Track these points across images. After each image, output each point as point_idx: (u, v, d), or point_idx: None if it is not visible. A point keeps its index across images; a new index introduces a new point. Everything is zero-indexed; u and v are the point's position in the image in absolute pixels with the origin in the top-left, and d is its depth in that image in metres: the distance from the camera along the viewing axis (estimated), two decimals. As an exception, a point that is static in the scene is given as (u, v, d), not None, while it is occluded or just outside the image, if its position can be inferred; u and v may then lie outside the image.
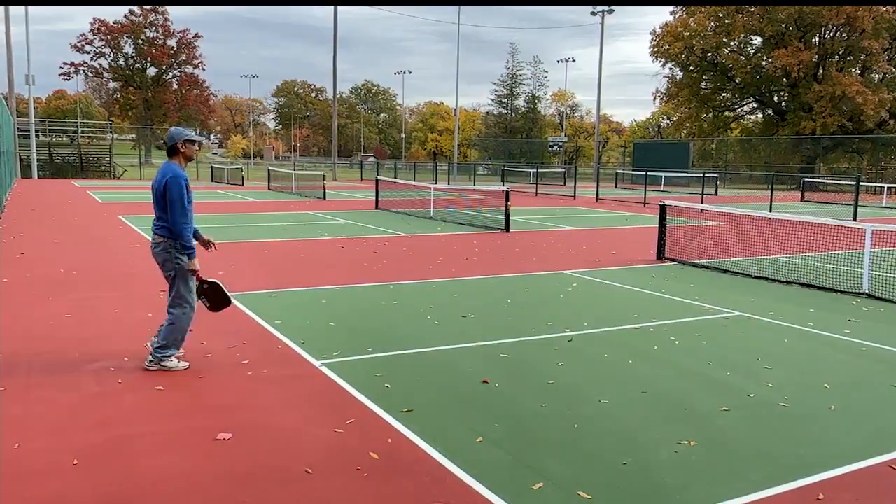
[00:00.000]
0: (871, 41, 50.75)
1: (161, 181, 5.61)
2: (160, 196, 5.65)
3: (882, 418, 5.02)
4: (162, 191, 5.60)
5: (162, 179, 5.60)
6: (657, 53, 60.28)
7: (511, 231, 16.63)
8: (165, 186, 5.57)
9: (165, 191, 5.58)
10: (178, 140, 5.69)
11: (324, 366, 5.92)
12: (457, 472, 4.02)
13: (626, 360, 6.28)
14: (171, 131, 5.79)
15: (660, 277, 10.71)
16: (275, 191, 33.25)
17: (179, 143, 5.69)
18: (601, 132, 73.67)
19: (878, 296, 9.35)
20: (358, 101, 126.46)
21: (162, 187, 5.59)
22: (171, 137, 5.71)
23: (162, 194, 5.61)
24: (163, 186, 5.59)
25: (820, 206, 29.52)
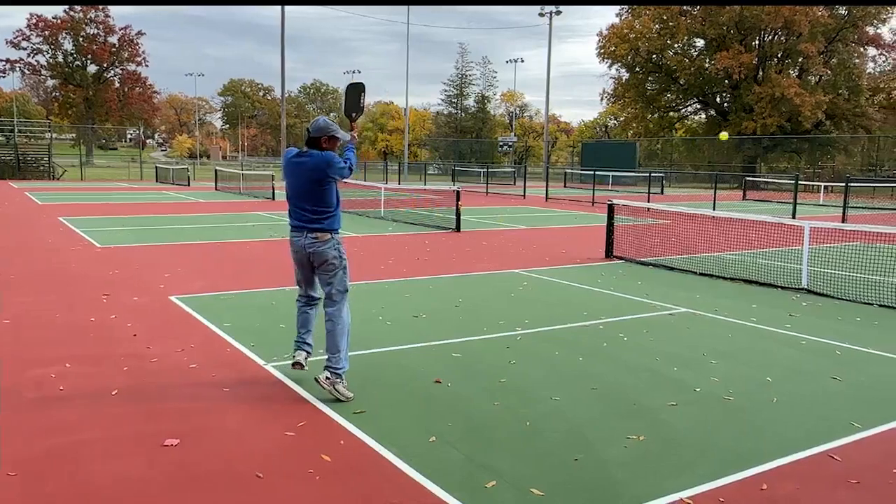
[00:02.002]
0: (808, 44, 52.48)
1: (321, 164, 5.16)
2: (323, 181, 5.19)
3: (822, 409, 5.19)
4: (324, 170, 5.16)
5: (321, 162, 5.16)
6: (604, 55, 61.25)
7: (462, 231, 16.69)
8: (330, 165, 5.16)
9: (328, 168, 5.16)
10: (324, 134, 5.25)
11: (274, 368, 5.84)
12: (410, 472, 4.02)
13: (577, 358, 6.36)
14: (320, 123, 5.33)
15: (608, 275, 10.87)
16: (222, 191, 32.70)
17: (324, 139, 5.26)
18: (550, 132, 74.45)
19: (817, 291, 9.66)
20: (307, 101, 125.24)
21: (325, 165, 5.16)
22: (320, 130, 5.25)
23: (326, 177, 5.18)
24: (325, 164, 5.15)
25: (761, 205, 30.38)
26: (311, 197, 5.25)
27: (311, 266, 5.41)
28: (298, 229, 5.34)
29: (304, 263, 5.43)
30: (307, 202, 5.26)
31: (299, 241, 5.34)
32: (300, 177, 5.26)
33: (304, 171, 5.23)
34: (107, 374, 5.67)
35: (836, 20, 54.34)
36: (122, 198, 27.86)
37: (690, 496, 3.79)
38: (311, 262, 5.36)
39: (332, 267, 5.31)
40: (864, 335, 7.39)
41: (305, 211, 5.28)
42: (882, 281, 10.36)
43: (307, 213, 5.28)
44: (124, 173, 50.11)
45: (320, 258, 5.29)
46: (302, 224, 5.31)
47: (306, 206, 5.27)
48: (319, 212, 5.26)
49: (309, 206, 5.26)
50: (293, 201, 5.36)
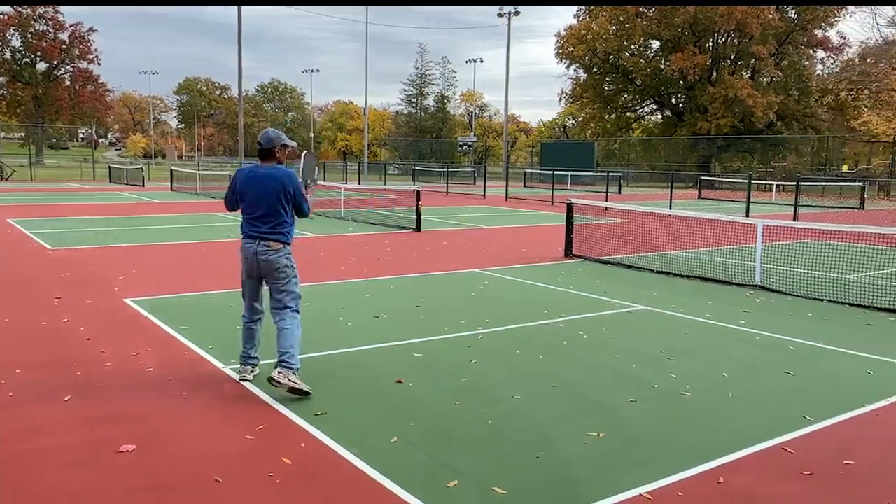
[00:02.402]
0: (759, 46, 53.71)
1: (286, 185, 5.38)
2: (281, 199, 5.37)
3: (776, 403, 5.31)
4: (287, 193, 5.38)
5: (286, 183, 5.38)
6: (562, 55, 61.84)
7: (423, 230, 16.68)
8: (296, 190, 5.42)
9: (296, 193, 5.42)
10: (276, 144, 5.48)
11: (233, 371, 5.76)
12: (372, 473, 4.00)
13: (537, 356, 6.40)
14: (270, 134, 5.53)
15: (568, 274, 10.97)
16: (178, 191, 32.15)
17: (277, 148, 5.49)
18: (509, 132, 74.87)
19: (770, 287, 9.88)
20: (265, 100, 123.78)
21: (291, 190, 5.40)
22: (270, 140, 5.48)
23: (286, 197, 5.39)
24: (291, 192, 5.40)
25: (716, 203, 30.98)
26: (271, 210, 5.38)
27: (259, 275, 5.50)
28: (252, 238, 5.44)
29: (252, 272, 5.51)
30: (266, 214, 5.39)
31: (251, 248, 5.43)
32: (265, 190, 5.38)
33: (270, 185, 5.37)
34: (59, 379, 5.52)
35: (787, 23, 55.72)
36: (74, 198, 27.20)
37: (649, 491, 3.84)
38: (260, 271, 5.45)
39: (283, 275, 5.43)
40: (815, 330, 7.58)
41: (262, 222, 5.40)
42: (832, 277, 10.64)
43: (263, 225, 5.40)
44: (76, 173, 48.95)
45: (271, 266, 5.40)
46: (257, 234, 5.41)
47: (264, 217, 5.40)
48: (277, 224, 5.41)
49: (267, 218, 5.39)
50: (250, 212, 5.45)
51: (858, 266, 11.77)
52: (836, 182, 39.60)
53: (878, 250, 13.78)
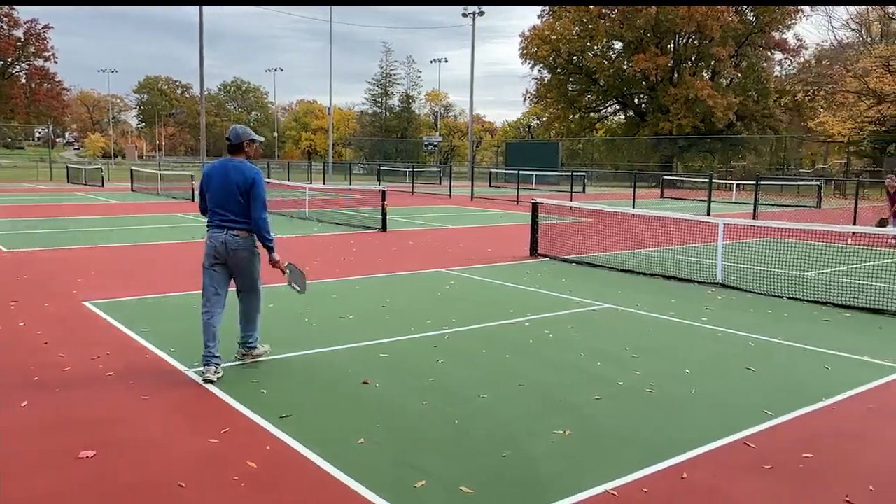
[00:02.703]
0: (719, 48, 54.68)
1: (246, 177, 5.64)
2: (243, 192, 5.63)
3: (737, 399, 5.40)
4: (248, 187, 5.63)
5: (247, 176, 5.65)
6: (526, 56, 62.22)
7: (388, 230, 16.63)
8: (254, 184, 5.65)
9: (252, 188, 5.64)
10: (244, 139, 5.78)
11: (196, 374, 5.68)
12: (338, 475, 3.97)
13: (504, 355, 6.42)
14: (238, 130, 5.82)
15: (534, 273, 11.03)
16: (139, 192, 31.61)
17: (245, 143, 5.78)
18: (475, 132, 75.08)
19: (731, 285, 10.06)
20: (227, 99, 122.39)
21: (249, 184, 5.64)
22: (238, 136, 5.77)
23: (247, 190, 5.64)
24: (250, 183, 5.64)
25: (678, 203, 31.42)
26: (236, 200, 5.65)
27: (224, 264, 5.75)
28: (219, 227, 5.69)
29: (218, 262, 5.73)
30: (232, 206, 5.66)
31: (219, 237, 5.68)
32: (230, 181, 5.64)
33: (235, 177, 5.64)
34: (16, 384, 5.39)
35: (746, 25, 56.79)
36: (30, 199, 26.56)
37: (615, 487, 3.88)
38: (227, 260, 5.72)
39: (248, 262, 5.80)
40: (774, 327, 7.73)
41: (229, 212, 5.66)
42: (790, 274, 10.87)
43: (230, 215, 5.67)
44: (32, 173, 47.79)
45: (238, 255, 5.71)
46: (223, 224, 5.67)
47: (230, 209, 5.66)
48: (242, 215, 5.69)
49: (233, 211, 5.66)
50: (216, 205, 5.69)
51: (816, 263, 12.05)
52: (793, 181, 40.47)
53: (835, 248, 14.12)
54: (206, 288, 5.76)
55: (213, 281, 5.75)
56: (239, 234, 5.69)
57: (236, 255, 5.71)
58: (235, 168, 5.69)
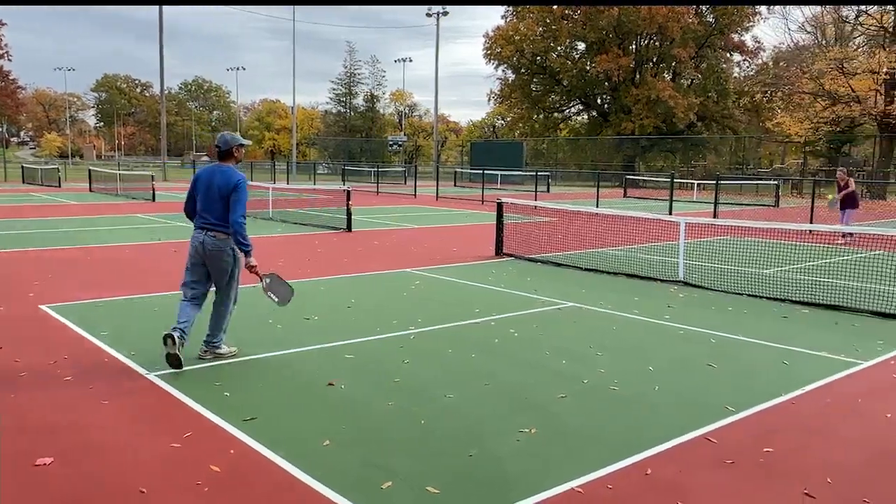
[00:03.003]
0: (680, 49, 55.51)
1: (229, 182, 5.86)
2: (224, 195, 5.85)
3: (699, 395, 5.48)
4: (230, 191, 5.84)
5: (230, 181, 5.86)
6: (490, 56, 62.45)
7: (353, 230, 16.55)
8: (236, 188, 5.85)
9: (234, 191, 5.84)
10: (233, 145, 6.03)
11: (157, 378, 5.58)
12: (304, 478, 3.93)
13: (470, 355, 6.43)
14: (226, 136, 6.07)
15: (499, 273, 11.07)
16: (98, 192, 31.00)
17: (234, 148, 6.03)
18: (439, 132, 75.11)
19: (693, 283, 10.21)
20: (188, 98, 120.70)
21: (231, 188, 5.85)
22: (227, 142, 6.02)
23: (228, 194, 5.85)
24: (232, 187, 5.85)
25: (640, 202, 31.82)
26: (218, 203, 5.88)
27: (203, 264, 5.97)
28: (201, 229, 5.95)
29: (197, 262, 5.97)
30: (213, 209, 5.90)
31: (199, 237, 5.94)
32: (214, 185, 5.90)
33: (220, 180, 5.89)
34: (-31, 391, 5.23)
35: (705, 27, 57.72)
36: (-17, 200, 25.87)
37: (580, 485, 3.91)
38: (205, 260, 5.95)
39: (225, 264, 5.97)
40: (735, 323, 7.87)
41: (210, 215, 5.91)
42: (750, 272, 11.07)
43: (211, 218, 5.91)
44: (-14, 174, 46.52)
45: (215, 255, 5.91)
46: (205, 226, 5.94)
47: (211, 212, 5.91)
48: (223, 218, 5.89)
49: (213, 214, 5.90)
50: (201, 208, 5.96)
51: (774, 261, 12.29)
52: (752, 180, 41.26)
53: (793, 246, 14.43)
54: (186, 282, 6.02)
55: (192, 276, 6.01)
56: (216, 236, 5.90)
57: (213, 256, 5.91)
58: (222, 173, 5.92)
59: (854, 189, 16.40)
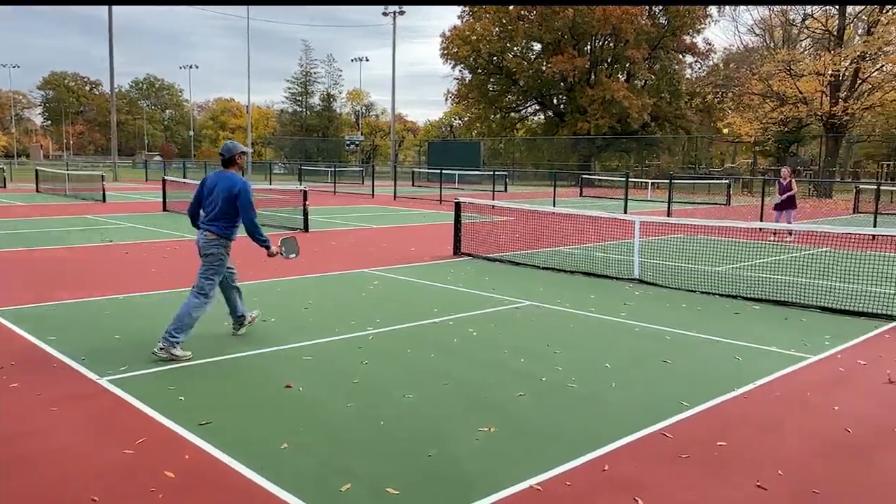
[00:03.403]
0: (634, 51, 56.32)
1: (233, 188, 6.32)
2: (228, 199, 6.30)
3: (655, 391, 5.57)
4: (234, 196, 6.29)
5: (234, 186, 6.32)
6: (447, 56, 62.50)
7: (310, 231, 16.41)
8: (239, 194, 6.31)
9: (238, 197, 6.30)
10: (235, 153, 6.51)
11: (109, 383, 5.45)
12: (261, 482, 3.88)
13: (429, 355, 6.43)
14: (228, 145, 6.57)
15: (457, 272, 11.08)
16: (45, 193, 30.16)
17: (236, 155, 6.51)
18: (397, 131, 74.93)
19: (648, 280, 10.36)
20: (140, 97, 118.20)
21: (235, 193, 6.30)
22: (230, 150, 6.52)
23: (233, 199, 6.30)
24: (236, 193, 6.30)
25: (596, 201, 32.20)
26: (218, 206, 6.33)
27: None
28: (200, 229, 6.46)
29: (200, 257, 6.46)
30: (213, 209, 6.35)
31: (197, 236, 6.47)
32: (218, 189, 6.35)
33: (223, 185, 6.36)
34: None
35: (658, 29, 58.67)
36: (-76, 202, 24.96)
37: (539, 482, 3.94)
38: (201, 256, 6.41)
39: (208, 260, 6.36)
40: (689, 320, 8.02)
41: (207, 216, 6.40)
42: (703, 270, 11.29)
43: (206, 219, 6.39)
44: (-74, 174, 44.88)
45: (204, 251, 6.37)
46: (202, 225, 6.43)
47: (208, 213, 6.39)
48: (218, 219, 6.35)
49: (213, 212, 6.36)
50: (205, 207, 6.45)
51: (726, 259, 12.55)
52: (704, 180, 42.11)
53: (743, 244, 14.76)
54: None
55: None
56: (207, 235, 6.35)
57: (204, 252, 6.38)
58: (226, 179, 6.40)
59: (796, 191, 16.86)
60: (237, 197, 6.31)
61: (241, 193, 6.32)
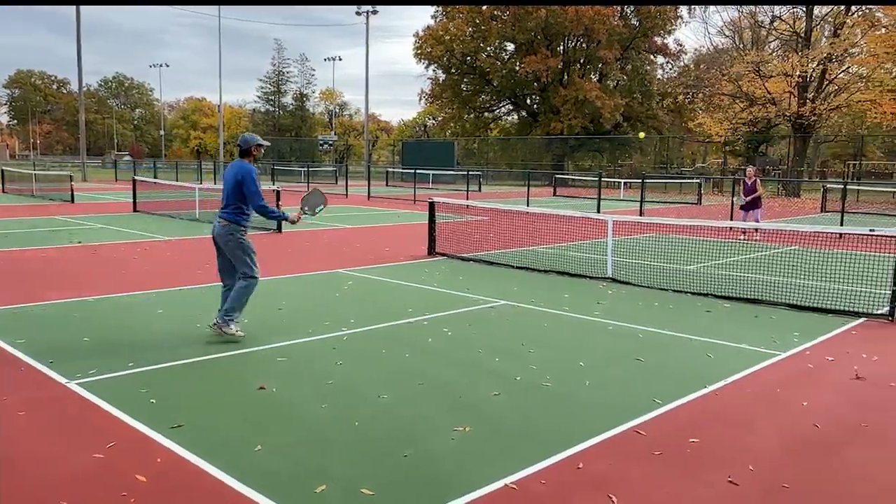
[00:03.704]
0: (606, 51, 56.69)
1: (238, 175, 6.67)
2: (236, 186, 6.66)
3: (628, 388, 5.62)
4: (239, 183, 6.65)
5: (239, 174, 6.67)
6: (420, 55, 62.39)
7: (283, 231, 16.29)
8: (243, 180, 6.64)
9: (242, 184, 6.64)
10: (252, 144, 6.84)
11: (78, 386, 5.36)
12: (235, 484, 3.85)
13: (403, 355, 6.42)
14: (246, 136, 6.89)
15: (432, 272, 11.08)
16: (11, 193, 29.58)
17: (252, 147, 6.84)
18: (371, 131, 74.69)
19: (621, 279, 10.45)
20: (109, 95, 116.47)
21: (239, 180, 6.65)
22: (246, 142, 6.85)
23: (239, 185, 6.65)
24: (240, 179, 6.65)
25: (569, 201, 32.38)
26: (228, 194, 6.74)
27: (220, 248, 6.85)
28: (217, 217, 6.83)
29: (216, 246, 6.88)
30: (226, 197, 6.76)
31: (213, 225, 6.88)
32: (228, 178, 6.76)
33: (231, 174, 6.74)
34: None
35: (630, 30, 59.14)
36: None
37: (514, 481, 3.95)
38: (218, 245, 6.84)
39: (230, 249, 6.77)
40: (662, 318, 8.10)
41: (222, 203, 6.79)
42: (675, 268, 11.41)
43: (221, 207, 6.80)
44: None
45: (222, 240, 6.76)
46: (219, 214, 6.81)
47: (224, 200, 6.78)
48: (230, 206, 6.74)
49: (226, 201, 6.78)
50: (222, 196, 6.83)
51: (698, 257, 12.69)
52: (676, 179, 42.56)
53: (714, 242, 14.93)
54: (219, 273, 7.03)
55: (218, 261, 6.97)
56: (220, 223, 6.74)
57: (221, 240, 6.76)
58: (233, 167, 6.79)
59: (760, 192, 17.12)
60: (241, 183, 6.64)
61: (244, 180, 6.64)
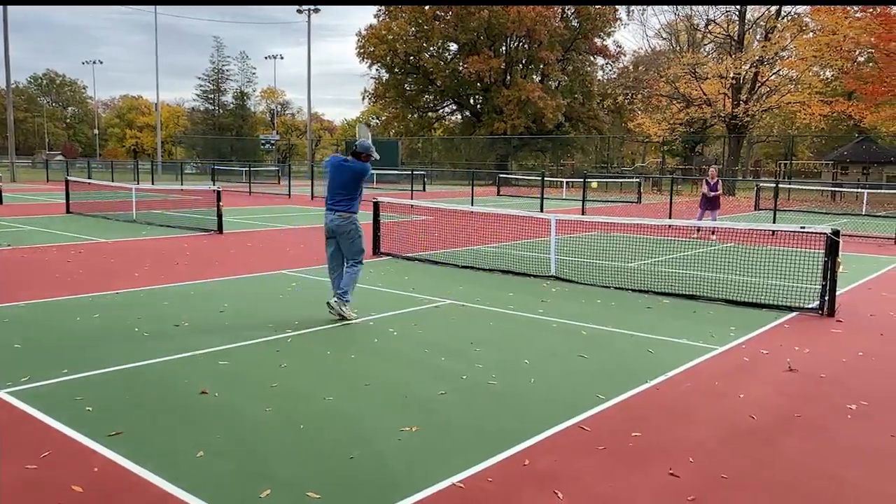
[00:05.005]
0: (547, 52, 57.43)
1: (356, 173, 7.76)
2: (356, 180, 7.75)
3: (572, 385, 5.69)
4: (358, 178, 7.76)
5: (360, 171, 7.77)
6: (363, 55, 62.10)
7: (225, 232, 15.99)
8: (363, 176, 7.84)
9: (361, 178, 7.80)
10: (369, 151, 7.78)
11: (8, 394, 5.16)
12: (176, 492, 3.76)
13: (349, 355, 6.37)
14: (366, 143, 7.79)
15: (377, 272, 11.03)
16: (-65, 195, 28.24)
17: (365, 154, 7.78)
18: (314, 130, 73.96)
19: (564, 277, 10.59)
20: (39, 93, 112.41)
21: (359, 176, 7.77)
22: (366, 148, 7.79)
23: (359, 180, 7.77)
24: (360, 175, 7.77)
25: (513, 200, 32.68)
26: (347, 190, 7.69)
27: (335, 238, 7.76)
28: (331, 210, 7.73)
29: (330, 236, 7.80)
30: (342, 193, 7.69)
31: (329, 217, 7.77)
32: (344, 174, 7.72)
33: (349, 172, 7.73)
34: None
35: (571, 31, 60.03)
36: None
37: (461, 480, 3.96)
38: (335, 235, 7.73)
39: (350, 237, 7.71)
40: (604, 315, 8.24)
41: (338, 198, 7.70)
42: (617, 266, 11.62)
43: (339, 200, 7.70)
44: None
45: (342, 230, 7.70)
46: (334, 207, 7.72)
47: (340, 195, 7.70)
48: (348, 200, 7.70)
49: (342, 196, 7.69)
50: (332, 190, 7.74)
51: (638, 255, 12.97)
52: (617, 178, 43.38)
53: (654, 240, 15.28)
54: (327, 256, 7.97)
55: (327, 248, 7.89)
56: (340, 216, 7.68)
57: (344, 230, 7.70)
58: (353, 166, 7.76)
59: (720, 192, 17.57)
60: (362, 178, 7.80)
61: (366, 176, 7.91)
